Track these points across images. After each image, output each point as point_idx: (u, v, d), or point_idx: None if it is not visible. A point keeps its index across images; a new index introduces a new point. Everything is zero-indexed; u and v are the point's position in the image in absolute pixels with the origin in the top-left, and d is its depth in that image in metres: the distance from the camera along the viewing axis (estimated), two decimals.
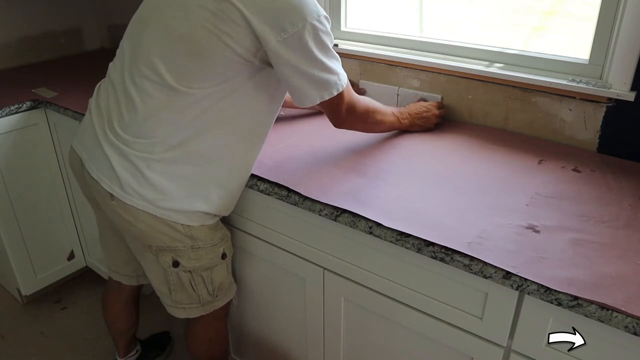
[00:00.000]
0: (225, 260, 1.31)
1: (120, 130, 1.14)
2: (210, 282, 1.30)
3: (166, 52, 1.08)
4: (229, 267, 1.35)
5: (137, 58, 1.13)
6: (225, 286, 1.36)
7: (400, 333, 1.18)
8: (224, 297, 1.37)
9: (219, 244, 1.28)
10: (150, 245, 1.21)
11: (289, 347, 1.49)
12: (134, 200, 1.14)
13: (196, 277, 1.27)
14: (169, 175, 1.13)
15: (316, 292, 1.30)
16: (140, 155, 1.12)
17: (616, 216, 1.07)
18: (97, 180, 1.17)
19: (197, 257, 1.24)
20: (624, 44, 1.24)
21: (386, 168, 1.27)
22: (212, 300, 1.34)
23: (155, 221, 1.16)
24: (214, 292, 1.32)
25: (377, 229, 1.05)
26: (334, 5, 1.74)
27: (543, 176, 1.23)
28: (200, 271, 1.27)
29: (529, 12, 1.79)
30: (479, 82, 1.50)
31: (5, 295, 2.25)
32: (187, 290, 1.29)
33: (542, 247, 0.97)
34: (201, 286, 1.29)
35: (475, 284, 0.99)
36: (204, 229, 1.22)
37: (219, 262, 1.29)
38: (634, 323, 0.80)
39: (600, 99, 1.32)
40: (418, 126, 1.47)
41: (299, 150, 1.37)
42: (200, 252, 1.24)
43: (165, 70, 1.08)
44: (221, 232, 1.29)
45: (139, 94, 1.11)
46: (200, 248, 1.24)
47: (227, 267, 1.34)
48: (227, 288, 1.37)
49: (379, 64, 1.68)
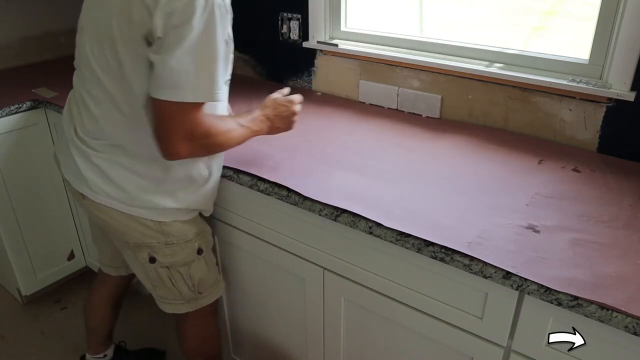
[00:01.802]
0: (202, 255, 1.31)
1: (82, 133, 1.18)
2: (189, 278, 1.31)
3: (101, 57, 1.09)
4: (209, 263, 1.35)
5: (82, 64, 1.15)
6: (208, 283, 1.36)
7: (400, 333, 1.18)
8: (210, 295, 1.38)
9: (194, 239, 1.28)
10: (127, 242, 1.24)
11: (289, 347, 1.49)
12: (103, 198, 1.18)
13: (175, 274, 1.29)
14: (131, 174, 1.16)
15: (316, 292, 1.30)
16: (103, 156, 1.16)
17: (616, 216, 1.07)
18: (69, 181, 1.23)
19: (171, 252, 1.25)
20: (624, 44, 1.24)
21: (386, 168, 1.27)
22: (196, 297, 1.34)
23: (127, 218, 1.19)
24: (194, 288, 1.33)
25: (377, 229, 1.05)
26: (334, 5, 1.74)
27: (543, 176, 1.23)
28: (177, 267, 1.28)
29: (529, 12, 1.79)
30: (479, 82, 1.50)
31: (5, 295, 2.25)
32: (168, 286, 1.30)
33: (542, 247, 0.97)
34: (181, 282, 1.30)
35: (475, 284, 0.99)
36: (176, 224, 1.23)
37: (195, 257, 1.29)
38: (634, 323, 0.80)
39: (600, 99, 1.32)
40: (278, 129, 1.30)
41: (299, 150, 1.37)
42: (175, 248, 1.25)
43: (102, 74, 1.09)
44: (197, 227, 1.29)
45: (92, 99, 1.14)
46: (174, 244, 1.24)
47: (206, 264, 1.34)
48: (212, 285, 1.38)
49: (379, 64, 1.68)
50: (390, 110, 1.68)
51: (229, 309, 1.61)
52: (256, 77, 2.04)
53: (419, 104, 1.62)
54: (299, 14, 1.80)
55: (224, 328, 1.66)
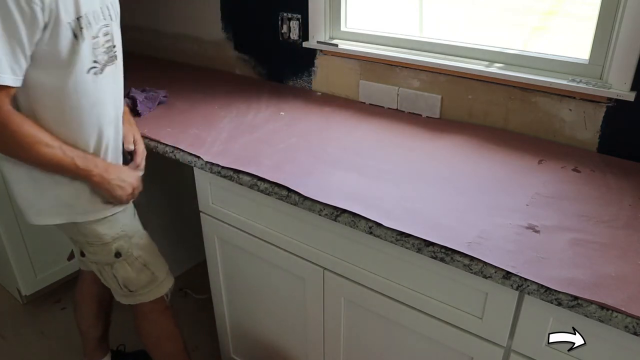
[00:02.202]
0: (121, 259, 1.32)
1: None
2: (114, 277, 1.34)
3: None
4: (133, 265, 1.35)
5: None
6: (138, 284, 1.37)
7: (400, 333, 1.18)
8: (148, 293, 1.40)
9: (111, 242, 1.29)
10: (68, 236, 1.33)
11: (289, 347, 1.49)
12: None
13: (102, 270, 1.34)
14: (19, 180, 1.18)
15: (316, 292, 1.30)
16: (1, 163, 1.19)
17: (616, 216, 1.07)
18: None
19: (93, 251, 1.30)
20: (624, 44, 1.24)
21: (386, 168, 1.27)
22: (128, 294, 1.38)
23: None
24: (124, 286, 1.36)
25: (377, 229, 1.05)
26: (334, 5, 1.74)
27: (543, 176, 1.23)
28: (102, 265, 1.33)
29: (529, 12, 1.79)
30: (479, 82, 1.50)
31: (5, 295, 2.25)
32: (103, 278, 1.37)
33: (542, 247, 0.97)
34: (110, 279, 1.35)
35: (475, 284, 0.99)
36: (91, 226, 1.25)
37: (114, 260, 1.31)
38: (634, 323, 0.80)
39: (600, 99, 1.32)
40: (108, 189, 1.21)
41: (299, 150, 1.37)
42: (95, 248, 1.29)
43: None
44: (114, 231, 1.29)
45: None
46: (93, 244, 1.29)
47: (130, 266, 1.34)
48: (147, 284, 1.39)
49: (379, 64, 1.68)
50: (390, 110, 1.68)
51: (229, 309, 1.61)
52: (256, 77, 2.04)
53: (419, 104, 1.62)
54: (299, 14, 1.80)
55: (224, 328, 1.66)
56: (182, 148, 1.39)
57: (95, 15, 1.09)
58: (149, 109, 1.66)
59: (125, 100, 1.64)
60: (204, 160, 1.33)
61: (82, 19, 1.05)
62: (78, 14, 1.04)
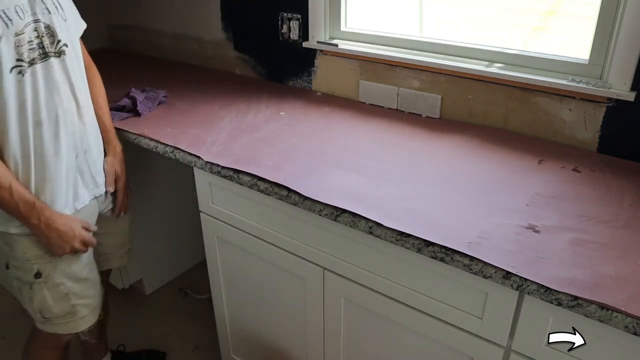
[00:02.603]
0: (39, 280, 1.23)
1: None
2: (31, 299, 1.25)
3: None
4: (52, 291, 1.25)
5: None
6: (56, 312, 1.27)
7: (400, 333, 1.18)
8: (64, 325, 1.29)
9: (34, 260, 1.21)
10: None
11: (289, 347, 1.49)
12: None
13: (21, 289, 1.25)
14: None
15: (316, 292, 1.30)
16: None
17: (616, 216, 1.07)
18: None
19: (15, 266, 1.23)
20: (624, 44, 1.24)
21: (386, 168, 1.27)
22: (44, 320, 1.28)
23: None
24: (39, 311, 1.26)
25: (377, 229, 1.05)
26: (334, 5, 1.74)
27: (543, 176, 1.23)
28: (22, 283, 1.25)
29: (529, 12, 1.79)
30: (479, 82, 1.50)
31: (5, 295, 2.25)
32: (20, 298, 1.28)
33: (542, 247, 0.97)
34: (27, 300, 1.26)
35: (475, 284, 0.99)
36: (16, 238, 1.19)
37: (32, 280, 1.23)
38: (634, 323, 0.80)
39: (600, 99, 1.32)
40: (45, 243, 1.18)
41: (299, 150, 1.37)
42: (17, 263, 1.23)
43: None
44: (41, 251, 1.21)
45: None
46: (16, 258, 1.22)
47: (49, 291, 1.25)
48: (64, 316, 1.29)
49: (379, 64, 1.68)
50: (390, 110, 1.68)
51: (229, 309, 1.61)
52: (256, 77, 2.04)
53: (419, 104, 1.62)
54: (299, 14, 1.80)
55: (224, 328, 1.66)
56: (182, 148, 1.39)
57: (20, 9, 1.04)
58: (149, 109, 1.66)
59: (125, 100, 1.64)
60: (204, 160, 1.33)
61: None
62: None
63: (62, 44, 1.15)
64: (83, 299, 1.31)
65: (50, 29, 1.12)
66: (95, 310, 1.37)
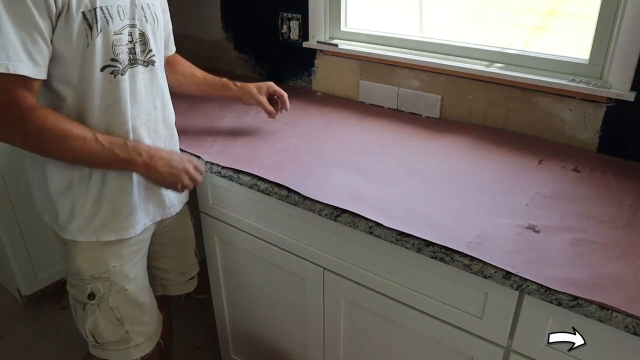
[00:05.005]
0: (92, 302, 1.15)
1: None
2: (83, 321, 1.18)
3: None
4: (105, 315, 1.17)
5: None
6: (108, 338, 1.20)
7: (400, 333, 1.18)
8: (116, 353, 1.21)
9: (88, 280, 1.14)
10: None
11: (289, 347, 1.49)
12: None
13: (76, 307, 1.20)
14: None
15: (316, 292, 1.30)
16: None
17: (616, 216, 1.07)
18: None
19: (71, 283, 1.17)
20: (624, 44, 1.24)
21: (386, 168, 1.27)
22: (96, 344, 1.21)
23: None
24: (91, 334, 1.19)
25: (377, 229, 1.05)
26: (334, 5, 1.74)
27: (543, 176, 1.23)
28: (76, 302, 1.19)
29: (529, 12, 1.79)
30: (479, 82, 1.50)
31: (5, 295, 2.25)
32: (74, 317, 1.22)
33: (542, 247, 0.97)
34: (80, 321, 1.20)
35: (475, 284, 0.99)
36: (72, 251, 1.12)
37: (85, 300, 1.16)
38: (634, 323, 0.80)
39: (600, 99, 1.32)
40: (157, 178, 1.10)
41: (299, 150, 1.37)
42: (73, 280, 1.16)
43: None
44: (97, 269, 1.13)
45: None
46: (72, 276, 1.16)
47: (101, 315, 1.17)
48: (117, 342, 1.21)
49: (379, 64, 1.68)
50: (390, 110, 1.68)
51: (229, 309, 1.61)
52: (256, 77, 2.04)
53: (419, 104, 1.62)
54: (299, 14, 1.80)
55: (224, 328, 1.66)
56: (182, 148, 1.38)
57: (122, 10, 1.02)
58: None
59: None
60: (204, 160, 1.33)
61: (98, 10, 0.97)
62: (93, 5, 0.97)
63: (152, 54, 1.11)
64: (137, 326, 1.22)
65: (144, 37, 1.09)
66: (152, 338, 1.27)
